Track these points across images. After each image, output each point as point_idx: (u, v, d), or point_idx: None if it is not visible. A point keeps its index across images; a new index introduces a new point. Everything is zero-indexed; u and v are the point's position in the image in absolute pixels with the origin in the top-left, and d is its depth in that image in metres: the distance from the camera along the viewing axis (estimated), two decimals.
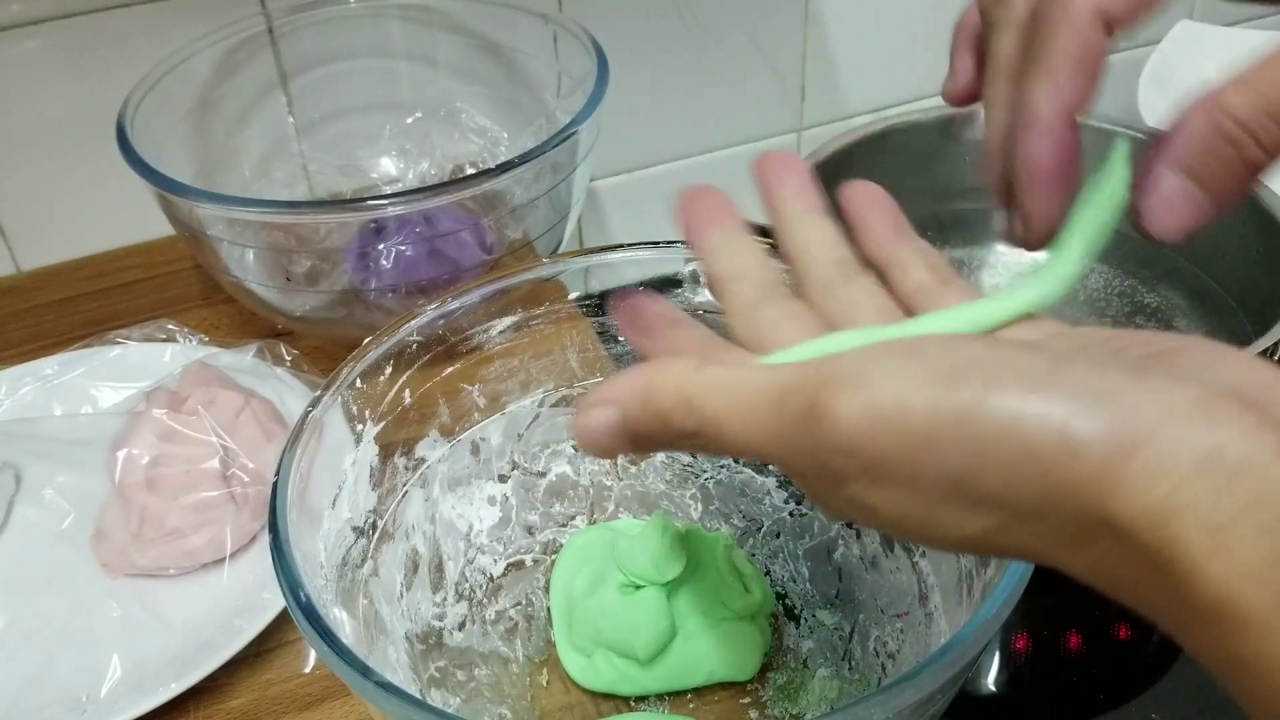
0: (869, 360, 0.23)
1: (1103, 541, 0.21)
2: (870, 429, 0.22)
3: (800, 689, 0.49)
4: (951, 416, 0.21)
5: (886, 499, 0.23)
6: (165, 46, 0.68)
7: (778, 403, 0.24)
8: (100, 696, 0.48)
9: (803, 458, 0.24)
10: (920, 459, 0.22)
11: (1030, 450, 0.20)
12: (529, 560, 0.54)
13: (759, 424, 0.24)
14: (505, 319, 0.50)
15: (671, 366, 0.26)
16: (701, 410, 0.25)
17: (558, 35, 0.72)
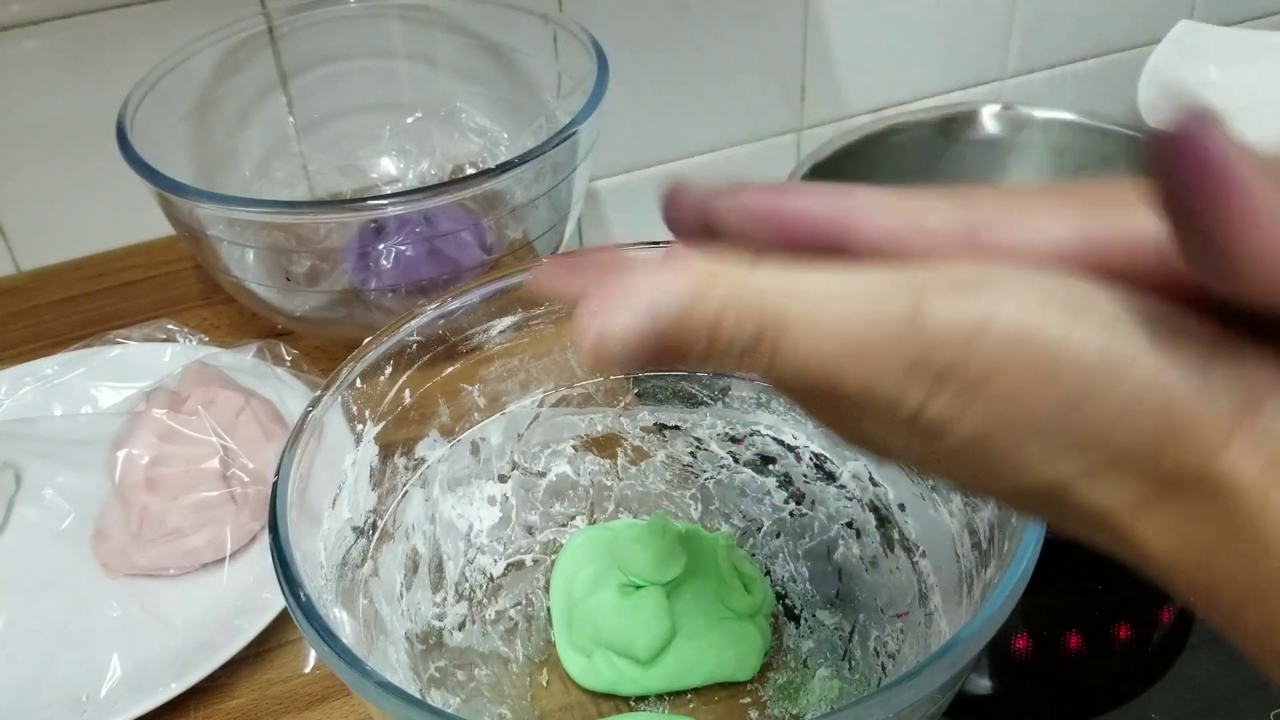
0: (987, 271, 0.20)
1: (1188, 500, 0.20)
2: (987, 339, 0.20)
3: (800, 689, 0.49)
4: (1079, 341, 0.19)
5: (973, 421, 0.21)
6: (165, 46, 0.68)
7: (868, 304, 0.20)
8: (100, 696, 0.48)
9: (883, 369, 0.20)
10: (1037, 378, 0.20)
11: (1159, 384, 0.19)
12: (529, 560, 0.54)
13: (837, 328, 0.21)
14: (505, 319, 0.50)
15: (716, 261, 0.22)
16: (762, 311, 0.21)
17: (558, 35, 0.72)
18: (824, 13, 0.90)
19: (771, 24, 0.89)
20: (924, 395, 0.20)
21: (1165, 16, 0.96)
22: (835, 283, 0.21)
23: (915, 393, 0.21)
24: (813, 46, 0.91)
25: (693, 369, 0.23)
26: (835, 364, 0.21)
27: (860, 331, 0.20)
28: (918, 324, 0.20)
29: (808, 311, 0.21)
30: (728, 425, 0.54)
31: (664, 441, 0.55)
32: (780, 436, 0.53)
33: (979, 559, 0.41)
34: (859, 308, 0.21)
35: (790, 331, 0.21)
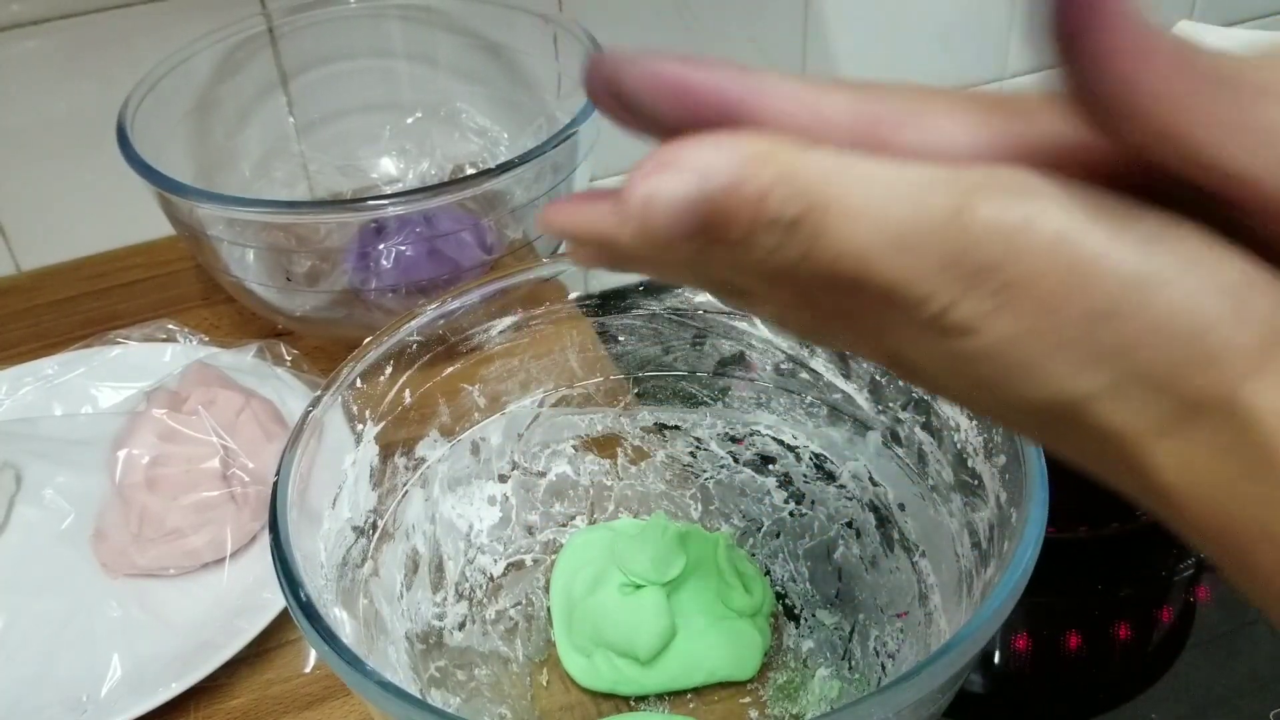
0: (1035, 177, 0.20)
1: (1209, 428, 0.20)
2: (1029, 242, 0.19)
3: (800, 689, 0.49)
4: (1119, 254, 0.19)
5: (1002, 325, 0.20)
6: (165, 47, 0.68)
7: (914, 196, 0.20)
8: (100, 696, 0.48)
9: (920, 262, 0.20)
10: (1073, 287, 0.19)
11: (1193, 306, 0.19)
12: (529, 560, 0.54)
13: (881, 216, 0.20)
14: (505, 319, 0.50)
15: (769, 137, 0.21)
16: (808, 192, 0.20)
17: (558, 35, 0.72)
18: (824, 13, 0.90)
19: (771, 24, 0.89)
20: (957, 293, 0.20)
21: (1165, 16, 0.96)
22: (886, 172, 0.21)
23: (948, 290, 0.20)
24: (813, 46, 0.91)
25: (726, 261, 0.22)
26: (873, 253, 0.20)
27: (904, 221, 0.20)
28: (962, 219, 0.20)
29: (854, 196, 0.20)
30: (728, 425, 0.54)
31: (664, 441, 0.55)
32: (780, 436, 0.53)
33: (979, 559, 0.41)
34: (906, 197, 0.20)
35: (834, 215, 0.20)
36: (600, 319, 0.52)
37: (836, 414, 0.51)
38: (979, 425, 0.42)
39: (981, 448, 0.42)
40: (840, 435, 0.51)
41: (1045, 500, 0.37)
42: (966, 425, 0.43)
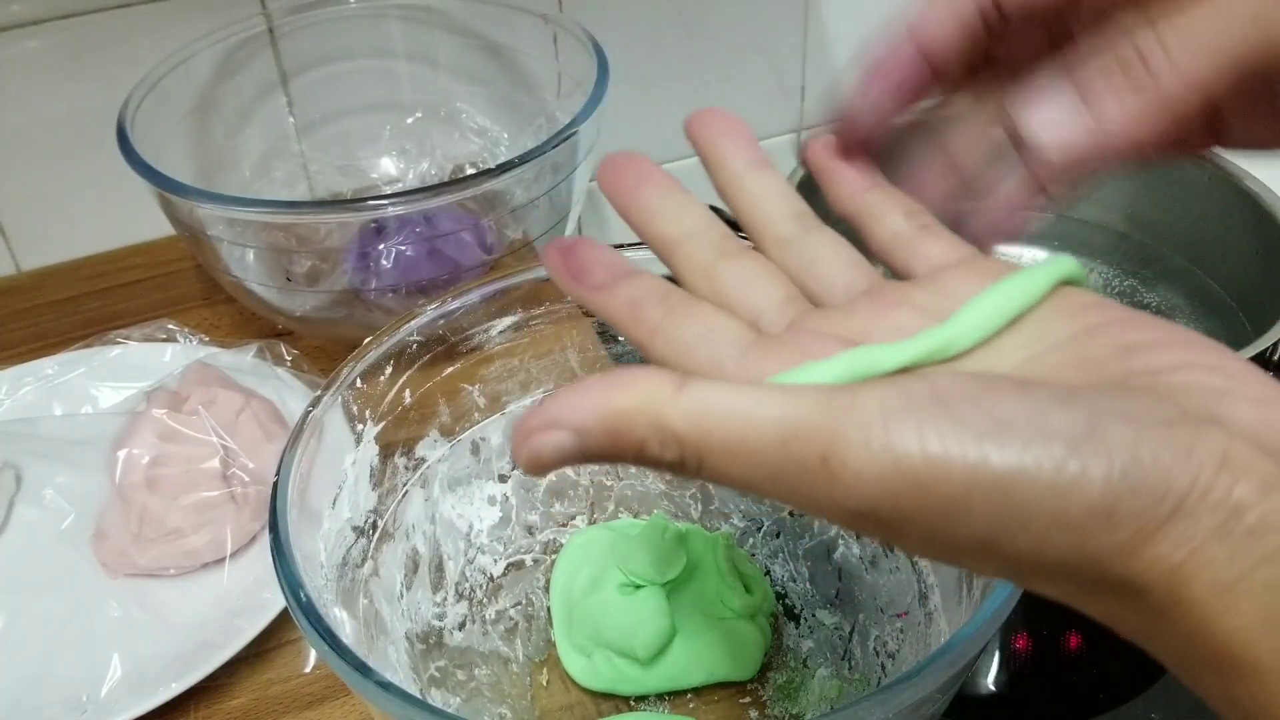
0: (894, 410, 0.21)
1: (1119, 596, 0.21)
2: (895, 490, 0.20)
3: (800, 689, 0.49)
4: (989, 484, 0.20)
5: (903, 546, 0.22)
6: (165, 46, 0.68)
7: (782, 445, 0.21)
8: (100, 696, 0.48)
9: (810, 505, 0.22)
10: (949, 523, 0.21)
11: (1069, 522, 0.20)
12: (529, 560, 0.54)
13: (757, 464, 0.22)
14: (505, 319, 0.50)
15: (641, 387, 0.22)
16: (683, 441, 0.22)
17: (558, 35, 0.72)
18: (824, 13, 0.90)
19: (771, 24, 0.89)
20: (849, 524, 0.22)
21: None
22: (749, 412, 0.22)
23: (842, 520, 0.22)
24: (813, 46, 0.91)
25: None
26: (758, 490, 0.22)
27: (774, 469, 0.21)
28: (828, 476, 0.21)
29: (721, 441, 0.22)
30: None
31: None
32: None
33: None
34: (773, 445, 0.21)
35: (710, 457, 0.22)
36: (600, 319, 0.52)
37: None
38: None
39: None
40: None
41: None
42: None
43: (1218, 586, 0.20)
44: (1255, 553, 0.19)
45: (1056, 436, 0.20)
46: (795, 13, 0.89)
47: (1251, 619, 0.20)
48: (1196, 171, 0.73)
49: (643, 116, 0.88)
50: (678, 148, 0.36)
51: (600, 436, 0.22)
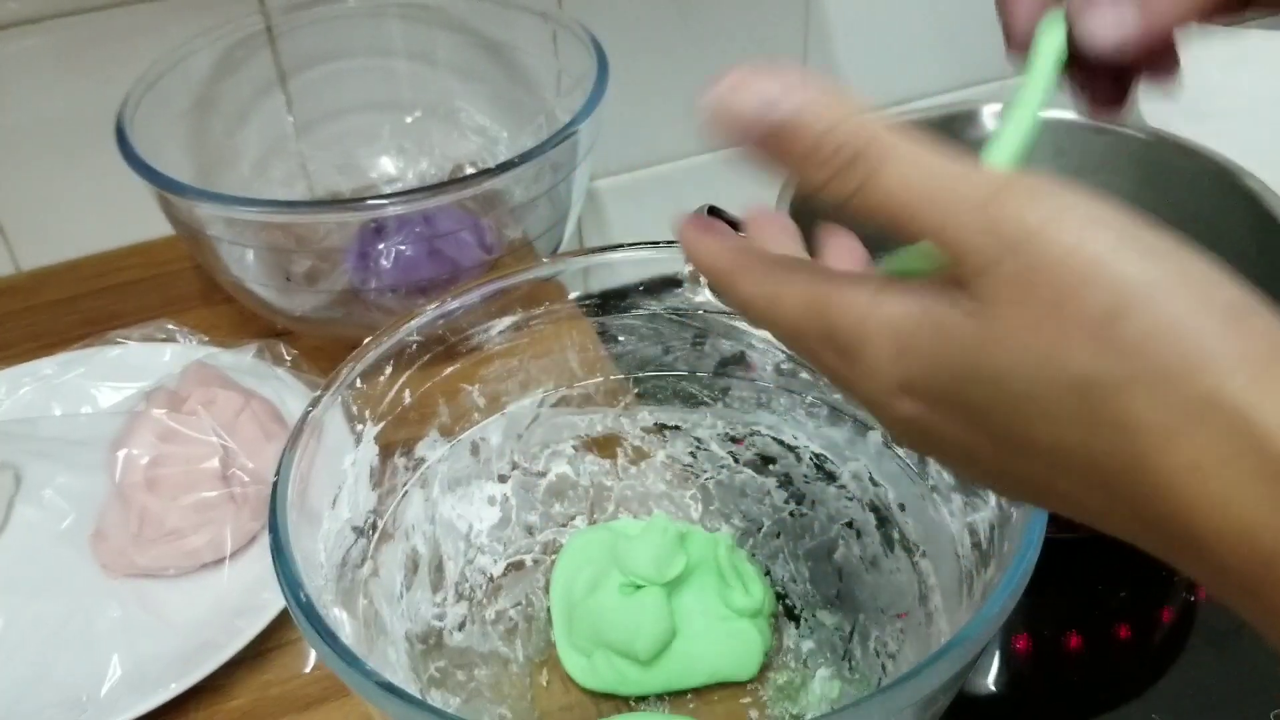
0: (1057, 186, 0.23)
1: (1212, 429, 0.21)
2: (1048, 243, 0.22)
3: (800, 689, 0.49)
4: (1127, 262, 0.22)
5: (1020, 310, 0.22)
6: (164, 45, 0.68)
7: (957, 172, 0.23)
8: (100, 696, 0.48)
9: (952, 227, 0.23)
10: (1086, 285, 0.22)
11: (1191, 317, 0.21)
12: (529, 560, 0.54)
13: (928, 175, 0.23)
14: (505, 319, 0.50)
15: (846, 94, 0.24)
16: (871, 142, 0.24)
17: (557, 34, 0.72)
18: (824, 13, 0.90)
19: (771, 24, 0.89)
20: (979, 264, 0.23)
21: None
22: (936, 149, 0.24)
23: (974, 256, 0.23)
24: (813, 46, 0.91)
25: (787, 175, 0.26)
26: (916, 201, 0.23)
27: (945, 188, 0.23)
28: (989, 210, 0.22)
29: (909, 151, 0.24)
30: (728, 425, 0.54)
31: (664, 441, 0.55)
32: (780, 436, 0.53)
33: (979, 559, 0.41)
34: (951, 171, 0.23)
35: (887, 165, 0.24)
36: (600, 319, 0.52)
37: (837, 414, 0.51)
38: None
39: None
40: (841, 435, 0.51)
41: None
42: None
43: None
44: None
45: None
46: (795, 12, 0.89)
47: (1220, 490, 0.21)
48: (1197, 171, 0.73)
49: (643, 116, 0.88)
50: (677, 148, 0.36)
51: (793, 110, 0.25)
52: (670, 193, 0.91)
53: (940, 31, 0.95)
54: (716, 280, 0.29)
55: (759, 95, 0.25)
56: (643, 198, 0.92)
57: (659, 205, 0.92)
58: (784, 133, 0.25)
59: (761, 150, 0.25)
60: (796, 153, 0.24)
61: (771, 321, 0.28)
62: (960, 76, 0.98)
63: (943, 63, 0.97)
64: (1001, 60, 0.35)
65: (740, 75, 0.26)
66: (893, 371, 0.25)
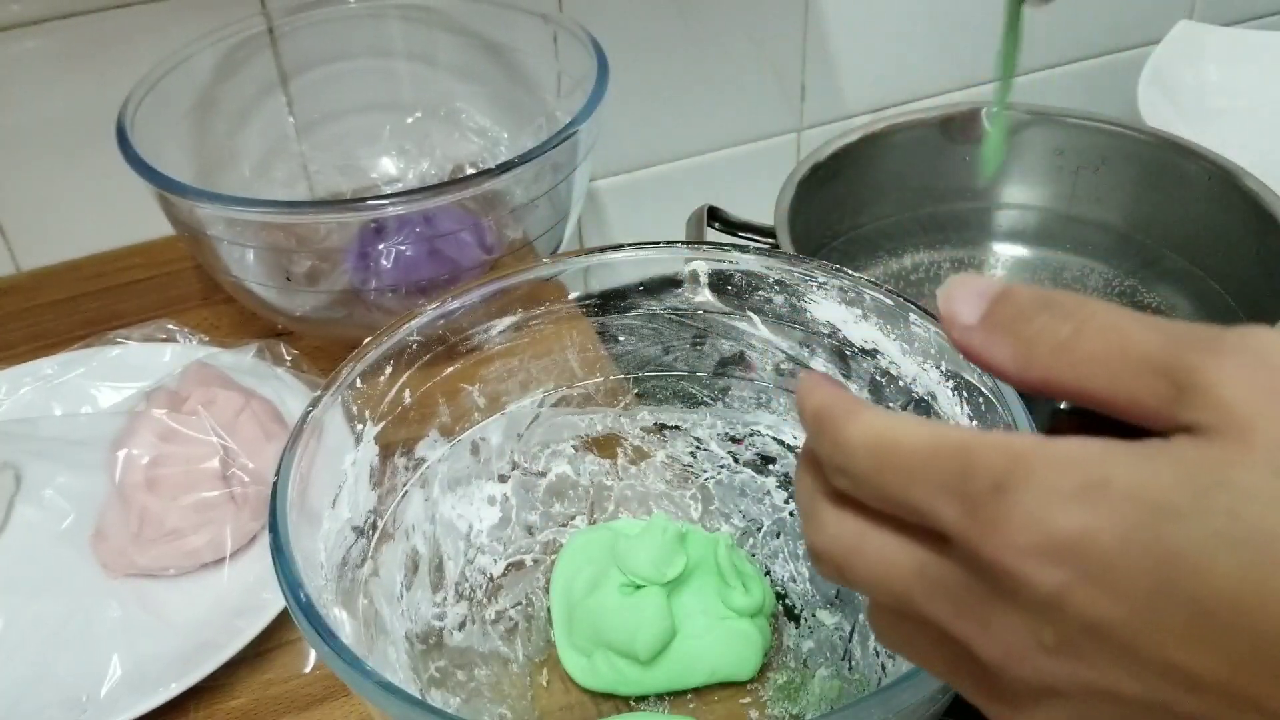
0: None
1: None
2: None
3: (800, 689, 0.49)
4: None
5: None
6: (165, 46, 0.68)
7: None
8: (100, 696, 0.48)
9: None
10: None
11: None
12: (529, 560, 0.54)
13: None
14: (505, 319, 0.50)
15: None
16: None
17: (558, 35, 0.72)
18: (824, 13, 0.90)
19: (771, 24, 0.89)
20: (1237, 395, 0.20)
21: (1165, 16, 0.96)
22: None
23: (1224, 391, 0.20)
24: (813, 46, 0.91)
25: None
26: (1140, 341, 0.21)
27: (1170, 328, 0.21)
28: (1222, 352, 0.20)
29: (1116, 310, 0.22)
30: (728, 425, 0.54)
31: (664, 441, 0.55)
32: (780, 436, 0.53)
33: None
34: (1153, 322, 0.22)
35: (1101, 313, 0.22)
36: (600, 319, 0.52)
37: None
38: (979, 425, 0.42)
39: None
40: None
41: None
42: (967, 425, 0.43)
43: None
44: None
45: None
46: (795, 13, 0.89)
47: None
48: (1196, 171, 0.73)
49: (643, 116, 0.88)
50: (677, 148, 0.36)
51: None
52: (670, 193, 0.91)
53: (939, 31, 0.95)
54: (822, 413, 0.25)
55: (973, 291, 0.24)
56: (643, 198, 0.92)
57: (659, 205, 0.92)
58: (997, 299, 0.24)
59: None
60: (1007, 315, 0.23)
61: (878, 457, 0.23)
62: (960, 76, 0.98)
63: (942, 63, 0.97)
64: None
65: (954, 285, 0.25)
66: (1059, 519, 0.19)
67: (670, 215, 0.76)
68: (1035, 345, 0.23)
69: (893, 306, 0.46)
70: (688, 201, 0.73)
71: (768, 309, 0.50)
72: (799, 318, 0.49)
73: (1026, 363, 0.23)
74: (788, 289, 0.49)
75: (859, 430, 0.23)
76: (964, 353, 0.24)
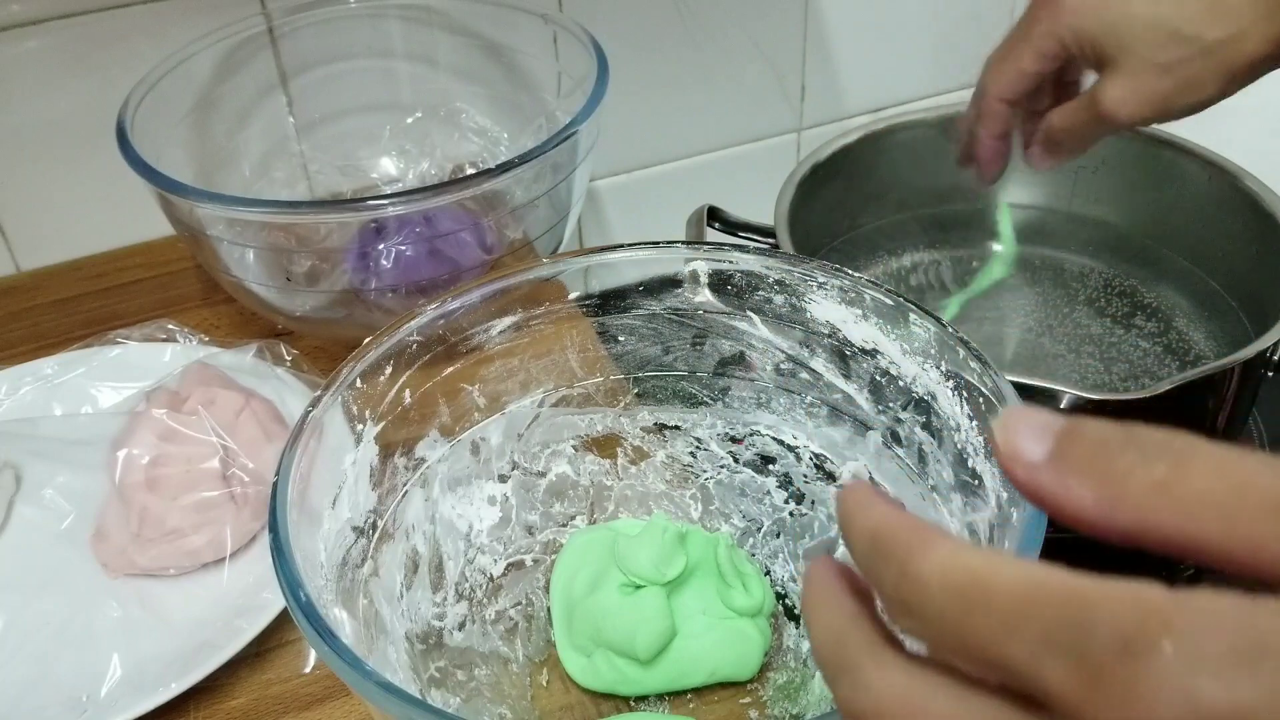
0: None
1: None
2: None
3: (800, 689, 0.49)
4: None
5: None
6: (165, 46, 0.68)
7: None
8: (100, 696, 0.48)
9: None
10: None
11: None
12: (529, 560, 0.54)
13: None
14: (505, 319, 0.50)
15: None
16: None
17: (558, 35, 0.72)
18: (824, 13, 0.90)
19: (771, 24, 0.89)
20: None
21: None
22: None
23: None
24: (813, 46, 0.91)
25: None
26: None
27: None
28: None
29: (1218, 448, 0.20)
30: (728, 425, 0.54)
31: (664, 441, 0.55)
32: (780, 436, 0.53)
33: None
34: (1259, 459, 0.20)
35: (1204, 449, 0.20)
36: (600, 319, 0.52)
37: (837, 414, 0.51)
38: (979, 425, 0.42)
39: (981, 448, 0.42)
40: (840, 435, 0.51)
41: None
42: (966, 425, 0.43)
43: None
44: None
45: None
46: (795, 13, 0.89)
47: None
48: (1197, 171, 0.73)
49: (643, 116, 0.88)
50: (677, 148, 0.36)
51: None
52: (670, 193, 0.92)
53: (939, 32, 0.95)
54: (885, 537, 0.21)
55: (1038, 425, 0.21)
56: (643, 198, 0.92)
57: (659, 205, 0.92)
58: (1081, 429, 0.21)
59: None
60: (1083, 453, 0.20)
61: (964, 600, 0.19)
62: (959, 77, 0.98)
63: (942, 63, 0.97)
64: None
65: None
66: (1210, 691, 0.16)
67: (670, 215, 0.76)
68: (1124, 485, 0.20)
69: (893, 306, 0.46)
70: (688, 201, 0.73)
71: (768, 309, 0.50)
72: (799, 318, 0.49)
73: (1114, 505, 0.20)
74: (788, 289, 0.49)
75: (938, 563, 0.20)
76: (1030, 494, 0.21)
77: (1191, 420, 0.60)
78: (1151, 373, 0.70)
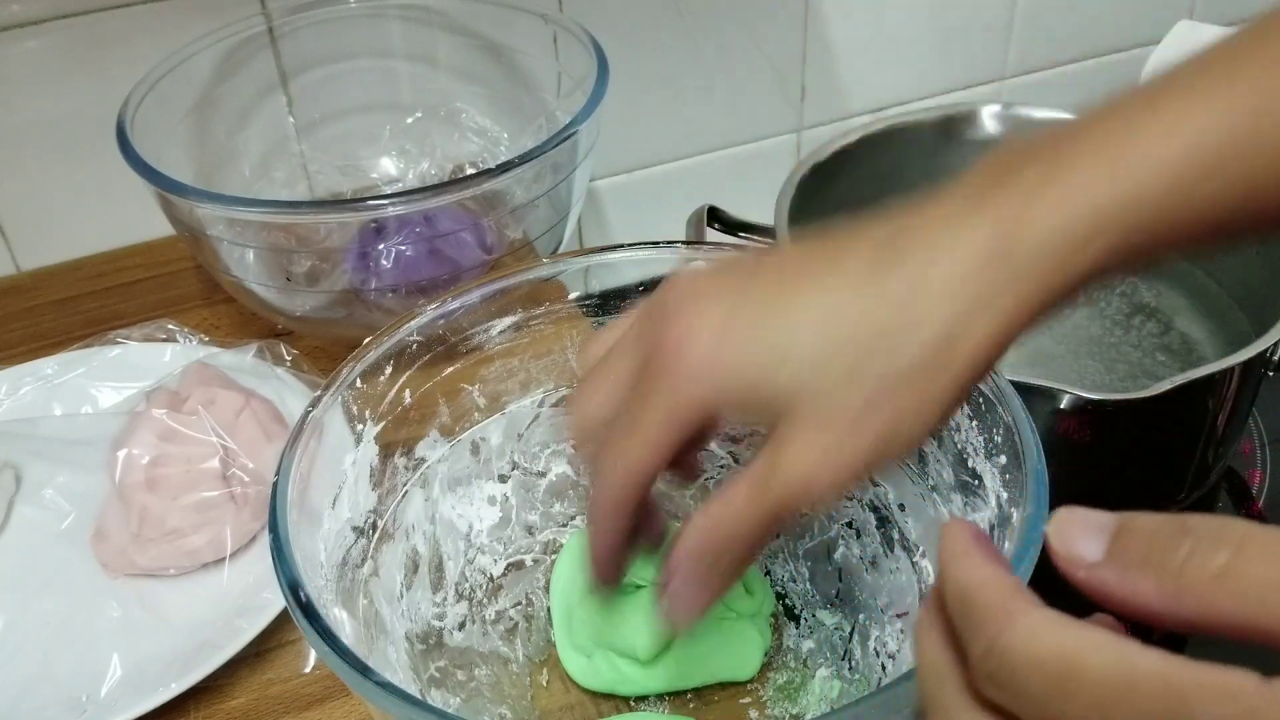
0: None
1: None
2: None
3: (800, 689, 0.49)
4: None
5: None
6: (165, 46, 0.68)
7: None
8: (100, 696, 0.48)
9: None
10: None
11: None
12: (529, 560, 0.54)
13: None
14: (505, 319, 0.50)
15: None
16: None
17: (558, 35, 0.72)
18: (824, 13, 0.90)
19: (771, 24, 0.89)
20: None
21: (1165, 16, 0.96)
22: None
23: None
24: (813, 46, 0.91)
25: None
26: None
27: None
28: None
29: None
30: (728, 425, 0.54)
31: None
32: None
33: None
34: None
35: (1258, 537, 0.21)
36: (600, 319, 0.52)
37: None
38: (979, 425, 0.42)
39: (982, 448, 0.42)
40: None
41: (1045, 500, 0.37)
42: (967, 425, 0.43)
43: None
44: None
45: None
46: (795, 13, 0.89)
47: None
48: None
49: (643, 116, 0.88)
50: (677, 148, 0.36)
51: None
52: (670, 193, 0.92)
53: (939, 32, 0.95)
54: (976, 602, 0.22)
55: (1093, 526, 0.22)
56: (643, 198, 0.92)
57: (659, 205, 0.92)
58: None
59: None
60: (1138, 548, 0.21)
61: (1056, 684, 0.20)
62: (959, 77, 0.98)
63: (942, 63, 0.97)
64: (1000, 61, 0.35)
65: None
66: None
67: (670, 215, 0.76)
68: (1185, 576, 0.20)
69: None
70: (688, 201, 0.73)
71: None
72: None
73: (1177, 596, 0.21)
74: None
75: (1026, 640, 0.21)
76: (1094, 594, 0.22)
77: (1191, 420, 0.60)
78: (1151, 373, 0.70)
